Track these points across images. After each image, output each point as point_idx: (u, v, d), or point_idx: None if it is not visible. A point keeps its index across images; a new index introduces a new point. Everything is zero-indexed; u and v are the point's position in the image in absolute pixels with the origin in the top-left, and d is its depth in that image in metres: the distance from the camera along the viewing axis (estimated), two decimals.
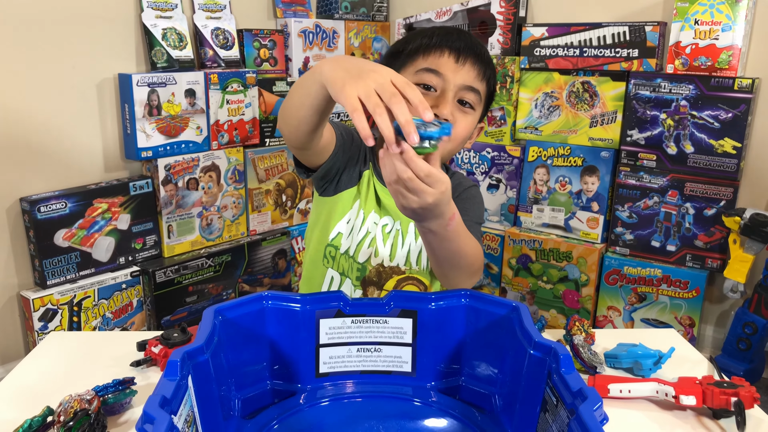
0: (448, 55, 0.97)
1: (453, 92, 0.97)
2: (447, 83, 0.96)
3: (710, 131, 1.89)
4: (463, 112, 0.98)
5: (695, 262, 1.98)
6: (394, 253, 1.06)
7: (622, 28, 1.99)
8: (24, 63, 1.68)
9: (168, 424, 0.53)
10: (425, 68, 0.97)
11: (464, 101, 0.98)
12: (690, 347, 0.99)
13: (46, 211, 1.69)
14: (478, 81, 0.98)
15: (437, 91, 0.97)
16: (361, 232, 1.05)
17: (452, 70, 0.97)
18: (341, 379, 0.82)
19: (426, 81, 0.97)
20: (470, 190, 1.12)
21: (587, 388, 0.59)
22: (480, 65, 0.98)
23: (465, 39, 0.99)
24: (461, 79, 0.97)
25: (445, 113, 0.96)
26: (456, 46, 0.97)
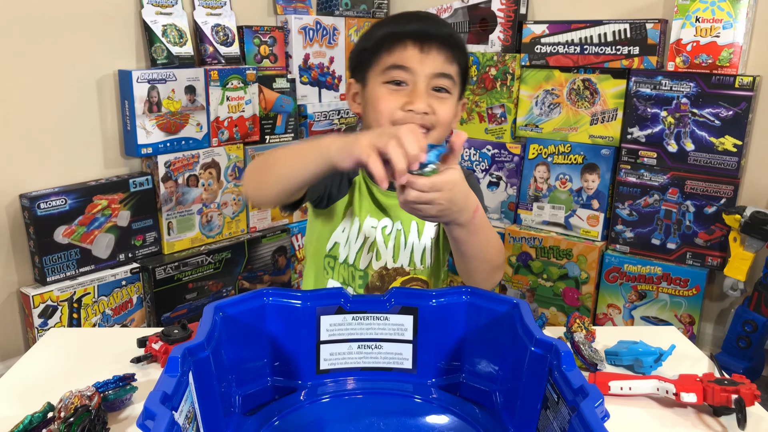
0: (411, 46, 0.95)
1: (425, 83, 0.95)
2: (416, 76, 0.95)
3: (711, 129, 1.89)
4: (440, 99, 0.96)
5: (695, 260, 1.98)
6: (397, 254, 1.05)
7: (623, 25, 1.99)
8: (24, 59, 1.67)
9: (169, 420, 0.53)
10: (392, 65, 0.95)
11: (438, 88, 0.96)
12: (690, 345, 0.99)
13: (46, 208, 1.69)
14: (447, 65, 0.96)
15: (409, 85, 0.95)
16: (359, 239, 1.05)
17: (418, 61, 0.94)
18: (342, 375, 0.82)
19: (395, 78, 0.96)
20: (470, 178, 1.11)
21: (588, 385, 0.59)
22: (446, 48, 0.96)
23: (426, 23, 0.97)
24: (429, 68, 0.95)
25: (421, 107, 0.94)
26: (418, 35, 0.95)
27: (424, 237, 1.05)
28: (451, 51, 0.96)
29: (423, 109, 0.94)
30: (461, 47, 0.99)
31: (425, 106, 0.94)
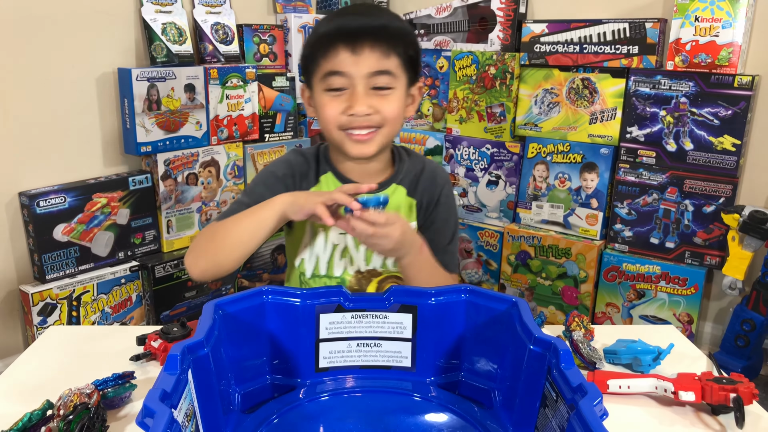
0: (343, 49, 0.93)
1: (362, 86, 0.94)
2: (353, 79, 0.94)
3: (710, 128, 1.89)
4: (382, 97, 0.96)
5: (694, 259, 1.98)
6: (369, 257, 1.05)
7: (623, 24, 1.99)
8: (24, 57, 1.67)
9: (168, 417, 0.53)
10: (327, 72, 0.95)
11: (378, 87, 0.95)
12: (689, 343, 0.99)
13: (46, 206, 1.69)
14: (384, 60, 0.94)
15: (348, 89, 0.95)
16: (327, 249, 1.05)
17: (352, 63, 0.93)
18: (341, 373, 0.82)
19: (333, 85, 0.95)
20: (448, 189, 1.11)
21: (587, 384, 0.59)
22: (380, 44, 0.94)
23: (357, 20, 0.95)
24: (364, 68, 0.93)
25: (361, 110, 0.94)
26: (347, 36, 0.93)
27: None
28: (386, 44, 0.94)
29: (364, 112, 0.94)
30: (399, 35, 0.96)
31: (366, 108, 0.94)
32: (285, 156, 1.10)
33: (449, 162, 2.36)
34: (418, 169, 1.09)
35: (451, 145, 2.35)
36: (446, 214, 1.10)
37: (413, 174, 1.08)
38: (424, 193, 1.08)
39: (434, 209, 1.09)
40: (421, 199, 1.08)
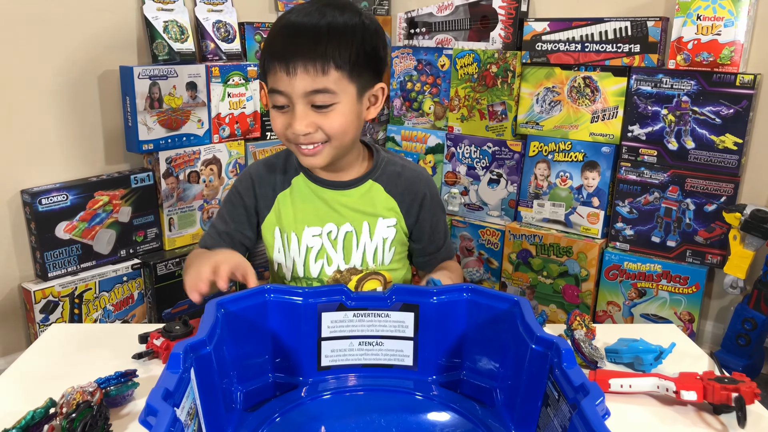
0: (279, 69, 0.92)
1: (300, 104, 0.93)
2: (290, 98, 0.93)
3: (711, 127, 1.89)
4: (322, 114, 0.94)
5: (695, 258, 1.98)
6: (348, 256, 1.06)
7: (624, 23, 1.98)
8: (26, 55, 1.67)
9: (171, 416, 0.54)
10: (270, 90, 0.95)
11: (317, 105, 0.93)
12: (690, 343, 0.99)
13: (48, 204, 1.69)
14: (320, 79, 0.91)
15: (290, 107, 0.94)
16: (302, 251, 1.06)
17: (287, 84, 0.92)
18: (343, 372, 0.82)
19: (277, 102, 0.95)
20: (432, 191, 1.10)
21: (589, 383, 0.60)
22: (314, 62, 0.90)
23: (292, 36, 0.92)
24: (300, 88, 0.92)
25: (300, 129, 0.93)
26: (282, 57, 0.91)
27: (376, 237, 1.06)
28: (322, 61, 0.91)
29: (302, 131, 0.94)
30: (340, 45, 0.92)
31: (304, 127, 0.93)
32: (246, 169, 1.11)
33: (450, 160, 2.36)
34: (398, 169, 1.08)
35: (452, 143, 2.35)
36: (435, 219, 1.11)
37: (393, 173, 1.08)
38: (405, 194, 1.07)
39: (420, 214, 1.08)
40: (402, 200, 1.07)
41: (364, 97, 0.99)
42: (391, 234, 1.07)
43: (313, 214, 1.06)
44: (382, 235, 1.06)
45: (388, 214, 1.07)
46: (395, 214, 1.07)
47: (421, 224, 1.09)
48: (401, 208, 1.07)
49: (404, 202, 1.07)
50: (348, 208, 1.06)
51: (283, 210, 1.07)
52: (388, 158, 1.10)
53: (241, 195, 1.09)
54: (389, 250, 1.07)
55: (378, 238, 1.06)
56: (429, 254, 1.13)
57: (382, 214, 1.06)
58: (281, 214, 1.07)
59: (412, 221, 1.09)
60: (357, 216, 1.05)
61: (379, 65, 1.00)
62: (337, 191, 1.06)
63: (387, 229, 1.06)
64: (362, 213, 1.06)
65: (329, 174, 1.06)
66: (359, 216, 1.05)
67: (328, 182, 1.06)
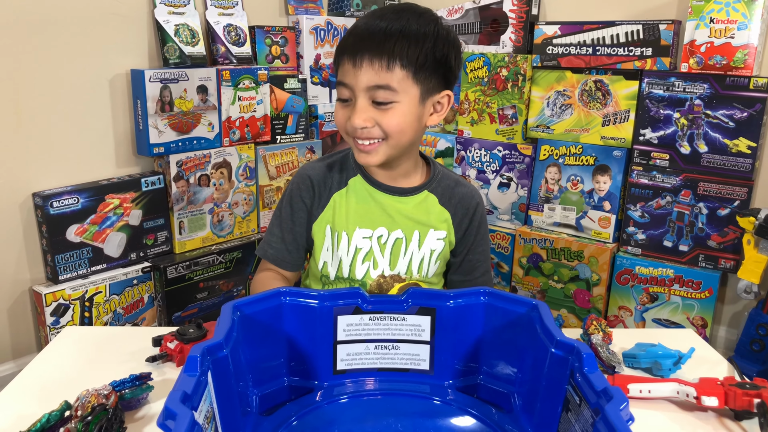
0: (347, 60, 0.95)
1: (362, 98, 0.94)
2: (353, 91, 0.95)
3: (724, 131, 1.88)
4: (382, 111, 0.95)
5: (708, 263, 1.96)
6: (395, 262, 1.06)
7: (636, 26, 1.97)
8: (37, 58, 1.68)
9: (190, 420, 0.53)
10: (338, 81, 0.98)
11: (378, 101, 0.94)
12: (709, 348, 0.98)
13: (59, 207, 1.69)
14: (383, 74, 0.92)
15: (352, 100, 0.96)
16: (350, 252, 1.05)
17: (352, 76, 0.94)
18: (358, 376, 0.81)
19: (342, 95, 0.98)
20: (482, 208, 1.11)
21: (612, 388, 0.59)
22: (380, 57, 0.92)
23: (365, 31, 0.95)
24: (363, 82, 0.93)
25: (358, 123, 0.95)
26: (351, 48, 0.94)
27: (425, 247, 1.06)
28: (388, 57, 0.92)
29: (360, 125, 0.95)
30: (408, 45, 0.93)
31: (362, 121, 0.94)
32: (302, 170, 1.11)
33: (460, 164, 2.35)
34: (452, 184, 1.10)
35: (462, 147, 2.34)
36: (480, 236, 1.11)
37: (447, 186, 1.09)
38: (458, 207, 1.08)
39: (469, 228, 1.09)
40: (455, 212, 1.08)
41: (427, 101, 0.99)
42: (439, 247, 1.06)
43: (367, 216, 1.05)
44: (431, 246, 1.06)
45: (441, 225, 1.07)
46: (447, 227, 1.07)
47: (467, 237, 1.09)
48: (453, 220, 1.08)
49: (457, 215, 1.08)
50: (402, 214, 1.05)
51: (337, 209, 1.06)
52: (444, 172, 1.11)
53: (302, 196, 1.08)
54: (434, 263, 1.07)
55: (426, 249, 1.06)
56: (462, 274, 1.12)
57: (435, 225, 1.06)
58: (335, 212, 1.06)
59: (460, 234, 1.09)
60: (409, 224, 1.05)
61: (448, 73, 1.00)
62: (393, 197, 1.06)
63: (436, 242, 1.06)
64: (415, 221, 1.05)
65: (387, 179, 1.06)
66: (412, 224, 1.05)
67: (385, 186, 1.06)
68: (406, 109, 0.96)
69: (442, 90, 1.00)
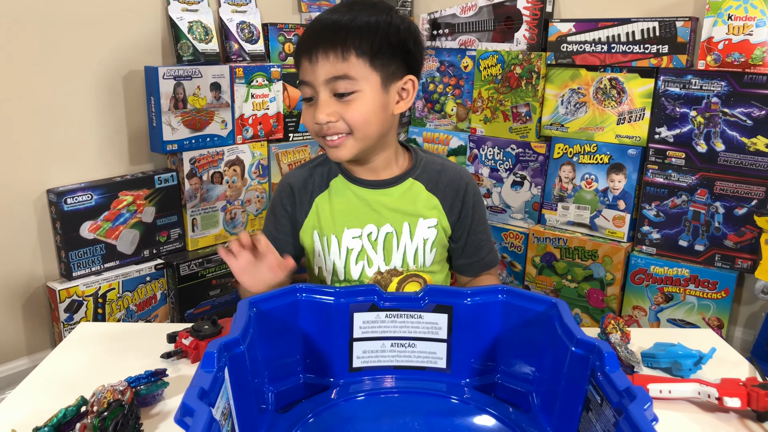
0: (304, 58, 0.94)
1: (324, 93, 0.93)
2: (314, 87, 0.94)
3: (742, 129, 1.85)
4: (345, 103, 0.94)
5: (724, 263, 1.94)
6: (389, 257, 1.04)
7: (652, 23, 1.95)
8: (52, 55, 1.68)
9: (208, 416, 0.53)
10: (299, 83, 0.97)
11: (339, 93, 0.93)
12: (729, 348, 0.97)
13: (73, 203, 1.70)
14: (339, 65, 0.92)
15: (314, 98, 0.95)
16: (342, 254, 1.04)
17: (311, 72, 0.94)
18: (375, 374, 0.81)
19: (305, 95, 0.97)
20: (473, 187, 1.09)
21: (635, 387, 0.58)
22: (334, 48, 0.91)
23: (316, 27, 0.94)
24: (321, 75, 0.92)
25: (321, 118, 0.94)
26: (306, 46, 0.94)
27: (417, 237, 1.04)
28: (342, 46, 0.91)
29: (323, 120, 0.94)
30: (361, 32, 0.92)
31: (326, 115, 0.94)
32: (284, 178, 1.11)
33: (473, 162, 2.34)
34: (438, 167, 1.07)
35: (475, 145, 2.33)
36: (477, 216, 1.09)
37: (433, 171, 1.07)
38: (447, 191, 1.06)
39: (462, 210, 1.07)
40: (444, 197, 1.06)
41: (390, 88, 0.97)
42: (431, 235, 1.05)
43: (353, 216, 1.04)
44: (423, 235, 1.04)
45: (430, 213, 1.05)
46: (437, 213, 1.05)
47: (463, 220, 1.07)
48: (443, 205, 1.06)
49: (447, 199, 1.06)
50: (388, 208, 1.04)
51: (321, 213, 1.06)
52: (428, 157, 1.09)
53: (283, 205, 1.08)
54: (430, 252, 1.05)
55: (419, 239, 1.04)
56: (468, 256, 1.10)
57: (423, 213, 1.05)
58: (320, 217, 1.06)
59: (454, 218, 1.07)
60: (397, 216, 1.04)
61: (408, 58, 0.98)
62: (376, 190, 1.04)
63: (428, 230, 1.05)
64: (402, 213, 1.04)
65: (367, 173, 1.05)
66: (399, 216, 1.04)
67: (366, 182, 1.05)
68: (369, 98, 0.94)
69: (404, 75, 0.98)
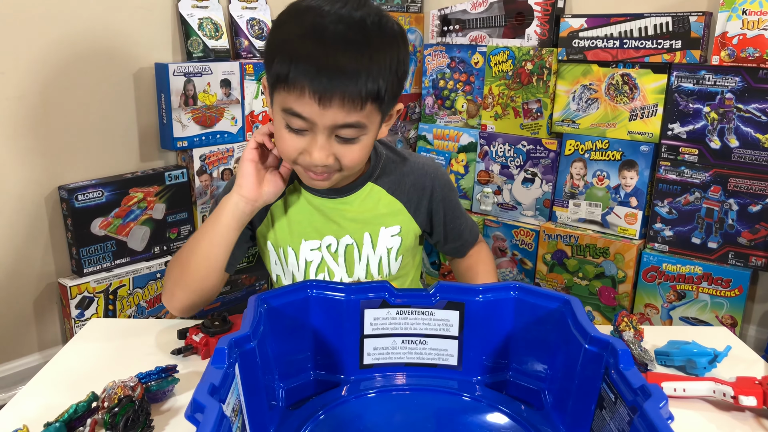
0: (309, 95, 0.81)
1: (324, 135, 0.85)
2: (314, 126, 0.84)
3: (757, 125, 1.83)
4: (346, 144, 0.87)
5: (738, 260, 1.92)
6: (351, 269, 1.00)
7: (665, 18, 1.93)
8: (61, 52, 1.69)
9: (218, 412, 0.52)
10: (289, 110, 0.84)
11: (343, 138, 0.86)
12: (744, 346, 0.95)
13: (84, 200, 1.70)
14: (353, 113, 0.83)
15: (309, 132, 0.85)
16: (300, 265, 1.00)
17: (317, 114, 0.82)
18: (385, 371, 0.80)
19: (294, 125, 0.85)
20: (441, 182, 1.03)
21: (650, 385, 0.57)
22: (350, 97, 0.81)
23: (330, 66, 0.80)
24: (329, 120, 0.83)
25: (320, 159, 0.85)
26: (317, 85, 0.80)
27: (380, 247, 1.00)
28: (359, 96, 0.81)
29: (322, 162, 0.86)
30: (379, 78, 0.83)
31: (325, 158, 0.86)
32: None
33: (483, 159, 2.33)
34: (399, 167, 1.02)
35: (485, 141, 2.32)
36: (450, 211, 1.05)
37: (394, 172, 1.02)
38: (411, 193, 1.01)
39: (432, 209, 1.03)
40: (408, 199, 1.01)
41: (384, 121, 0.93)
42: (395, 243, 1.00)
43: (310, 227, 1.00)
44: (386, 245, 1.00)
45: (392, 220, 1.00)
46: (401, 218, 1.01)
47: (434, 219, 1.04)
48: (408, 207, 1.01)
49: (411, 201, 1.01)
50: (347, 218, 1.00)
51: (276, 223, 1.01)
52: (388, 156, 1.03)
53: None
54: (395, 261, 1.01)
55: (381, 249, 1.00)
56: (452, 241, 1.08)
57: (385, 221, 1.00)
58: (275, 227, 1.01)
59: (422, 217, 1.03)
60: (357, 227, 0.99)
61: (402, 87, 0.91)
62: (333, 199, 1.00)
63: (391, 239, 1.00)
64: (362, 222, 1.00)
65: None
66: (359, 226, 1.00)
67: (324, 191, 1.00)
68: (370, 140, 0.89)
69: (395, 104, 0.93)
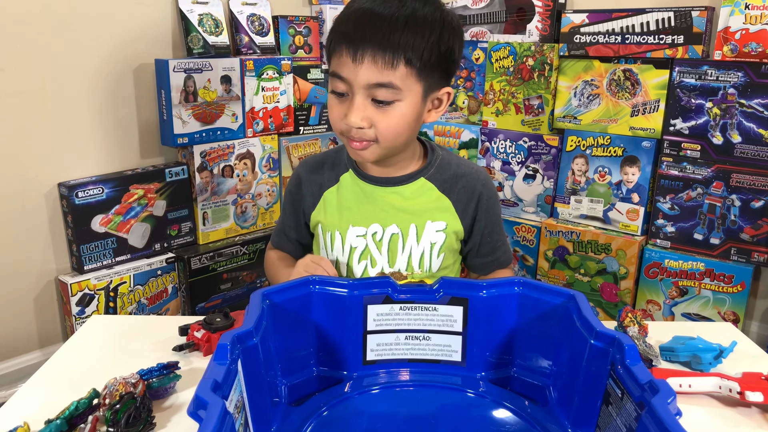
0: (345, 52, 0.87)
1: (360, 95, 0.88)
2: (351, 86, 0.88)
3: (760, 120, 1.82)
4: (381, 111, 0.89)
5: (740, 256, 1.91)
6: (393, 259, 1.01)
7: (667, 13, 1.92)
8: (62, 49, 1.68)
9: (221, 408, 0.52)
10: (332, 73, 0.90)
11: (378, 100, 0.88)
12: (750, 342, 0.95)
13: (84, 197, 1.70)
14: (386, 72, 0.86)
15: (349, 95, 0.89)
16: (345, 251, 1.02)
17: (351, 71, 0.87)
18: (389, 367, 0.80)
19: (337, 89, 0.90)
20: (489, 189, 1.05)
21: (658, 381, 0.56)
22: (383, 54, 0.85)
23: (364, 26, 0.86)
24: (363, 78, 0.86)
25: (354, 122, 0.88)
26: (351, 41, 0.86)
27: (424, 240, 1.01)
28: (393, 54, 0.85)
29: (356, 124, 0.89)
30: (415, 38, 0.86)
31: (359, 120, 0.88)
32: (296, 168, 1.11)
33: (485, 155, 2.32)
34: (454, 168, 1.04)
35: (486, 138, 2.31)
36: (493, 219, 1.06)
37: (448, 171, 1.03)
38: (462, 194, 1.03)
39: (477, 213, 1.04)
40: (458, 199, 1.03)
41: (428, 98, 0.94)
42: (439, 239, 1.01)
43: (359, 214, 1.02)
44: (430, 239, 1.01)
45: (440, 216, 1.01)
46: (448, 216, 1.02)
47: (477, 223, 1.04)
48: (456, 207, 1.02)
49: (460, 201, 1.02)
50: (396, 208, 1.01)
51: (329, 207, 1.04)
52: (444, 156, 1.05)
53: (292, 195, 1.08)
54: (437, 257, 1.01)
55: (425, 242, 1.00)
56: (484, 256, 1.07)
57: (432, 216, 1.01)
58: (327, 211, 1.04)
59: (468, 221, 1.03)
60: (404, 217, 1.01)
61: (451, 67, 0.94)
62: (386, 188, 1.01)
63: (435, 234, 1.01)
64: (410, 213, 1.01)
65: (380, 170, 1.02)
66: (407, 217, 1.01)
67: (376, 179, 1.02)
68: (407, 109, 0.90)
69: (443, 86, 0.95)
